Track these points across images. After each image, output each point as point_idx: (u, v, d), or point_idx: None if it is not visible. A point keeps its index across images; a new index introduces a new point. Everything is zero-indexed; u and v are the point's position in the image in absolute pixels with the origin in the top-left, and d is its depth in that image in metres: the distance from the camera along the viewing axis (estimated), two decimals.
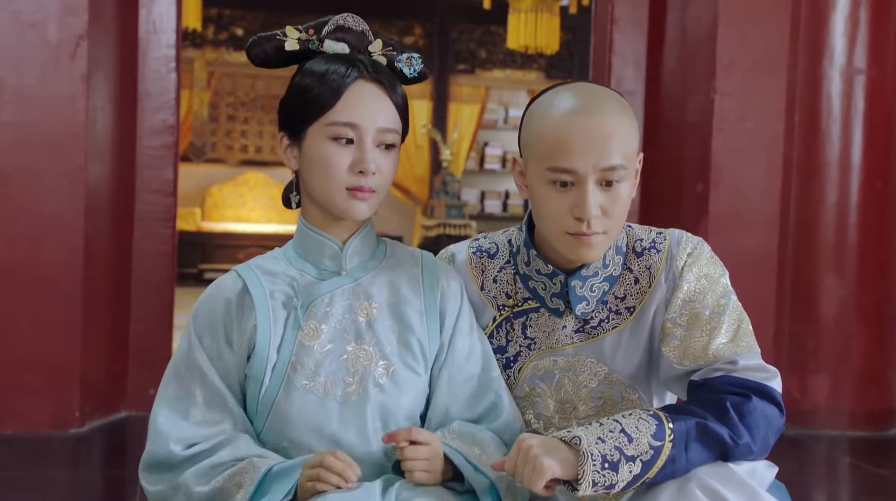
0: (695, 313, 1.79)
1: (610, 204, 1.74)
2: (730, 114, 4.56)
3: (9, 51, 4.15)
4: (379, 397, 1.76)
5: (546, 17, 8.60)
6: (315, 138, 1.77)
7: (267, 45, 1.83)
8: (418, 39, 11.78)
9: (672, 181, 4.82)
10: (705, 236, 4.48)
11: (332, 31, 1.82)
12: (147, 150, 4.58)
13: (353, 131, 1.75)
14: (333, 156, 1.75)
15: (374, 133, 1.76)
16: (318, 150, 1.77)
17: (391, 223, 12.06)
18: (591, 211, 1.72)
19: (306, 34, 1.83)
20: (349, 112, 1.75)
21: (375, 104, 1.77)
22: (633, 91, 4.88)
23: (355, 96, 1.76)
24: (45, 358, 4.21)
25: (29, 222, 4.17)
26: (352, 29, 1.82)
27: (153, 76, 4.57)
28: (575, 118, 1.72)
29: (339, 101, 1.75)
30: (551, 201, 1.75)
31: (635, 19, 4.87)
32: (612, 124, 1.72)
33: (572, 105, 1.73)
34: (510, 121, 12.28)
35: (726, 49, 4.55)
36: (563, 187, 1.73)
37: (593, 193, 1.72)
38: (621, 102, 1.78)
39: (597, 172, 1.72)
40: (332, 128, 1.75)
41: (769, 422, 1.70)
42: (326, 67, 1.77)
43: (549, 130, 1.74)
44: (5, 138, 4.16)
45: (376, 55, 1.83)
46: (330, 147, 1.76)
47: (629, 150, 1.74)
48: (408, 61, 1.84)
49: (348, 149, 1.76)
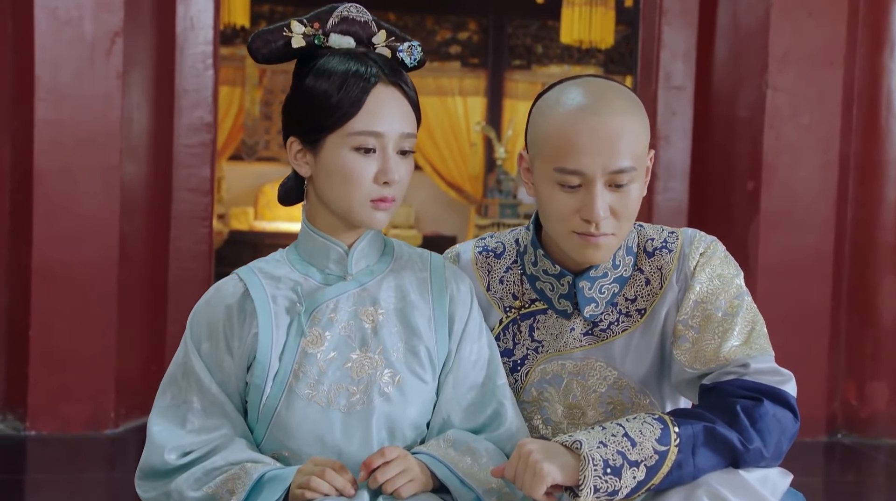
0: (707, 314, 1.75)
1: (619, 205, 1.70)
2: (783, 109, 4.44)
3: (45, 49, 4.14)
4: (384, 407, 1.71)
5: (601, 10, 8.46)
6: (335, 148, 1.70)
7: (272, 41, 1.76)
8: (472, 35, 11.67)
9: (722, 179, 4.71)
10: (756, 238, 4.47)
11: (337, 24, 1.75)
12: (184, 148, 4.55)
13: (377, 140, 1.69)
14: (357, 167, 1.69)
15: (396, 140, 1.71)
16: (339, 161, 1.70)
17: (445, 223, 11.97)
18: (600, 213, 1.67)
19: (311, 28, 1.75)
20: (372, 120, 1.69)
21: (397, 109, 1.71)
22: (682, 86, 4.76)
23: (376, 103, 1.69)
24: (81, 359, 4.19)
25: (65, 221, 4.17)
26: (357, 20, 1.76)
27: (190, 73, 4.53)
28: (582, 117, 1.66)
29: (362, 109, 1.68)
30: (558, 201, 1.70)
31: (684, 11, 4.74)
32: (621, 124, 1.66)
33: (580, 103, 1.68)
34: None
35: (779, 41, 4.43)
36: (570, 189, 1.69)
37: (602, 194, 1.67)
38: (631, 98, 1.72)
39: (605, 175, 1.67)
40: (354, 138, 1.69)
41: (782, 427, 1.65)
42: (345, 69, 1.69)
43: (555, 129, 1.69)
44: (42, 137, 4.15)
45: (380, 47, 1.77)
46: (352, 158, 1.69)
47: (639, 150, 1.69)
48: (409, 50, 1.77)
49: (370, 158, 1.70)
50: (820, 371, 4.49)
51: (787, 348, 4.47)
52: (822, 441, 4.51)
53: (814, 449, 4.42)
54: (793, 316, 4.42)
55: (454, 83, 11.60)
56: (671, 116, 4.75)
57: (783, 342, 4.41)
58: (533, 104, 1.78)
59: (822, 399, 4.51)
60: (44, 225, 4.15)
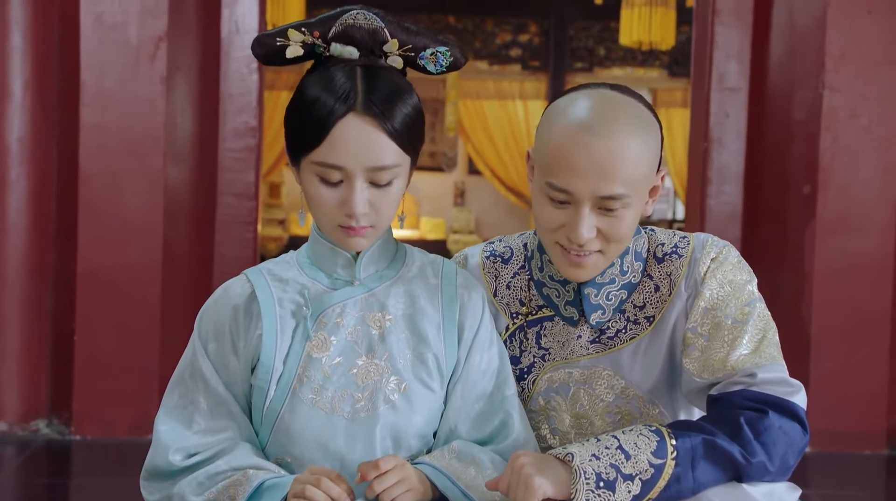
0: (717, 321, 1.70)
1: (609, 228, 1.66)
2: (840, 110, 4.34)
3: (91, 54, 4.18)
4: (389, 414, 1.68)
5: (661, 10, 8.31)
6: (305, 172, 1.67)
7: (271, 47, 1.71)
8: (533, 37, 11.57)
9: (777, 183, 4.61)
10: (812, 243, 4.36)
11: (339, 33, 1.68)
12: (229, 152, 4.55)
13: (340, 172, 1.64)
14: (323, 194, 1.66)
15: (364, 173, 1.64)
16: (308, 185, 1.67)
17: (506, 228, 11.89)
18: (583, 234, 1.64)
19: (311, 37, 1.68)
20: (334, 154, 1.63)
21: (365, 143, 1.63)
22: (736, 87, 4.65)
23: (342, 136, 1.62)
24: (125, 363, 4.21)
25: (109, 225, 4.19)
26: (363, 27, 1.68)
27: (235, 77, 4.52)
28: (580, 135, 1.62)
29: (325, 141, 1.62)
30: (546, 212, 1.68)
31: (738, 10, 4.63)
32: (620, 146, 1.61)
33: (581, 119, 1.63)
34: None
35: (837, 40, 4.33)
36: (559, 204, 1.66)
37: (588, 217, 1.64)
38: (640, 116, 1.66)
39: (594, 198, 1.63)
40: (317, 167, 1.65)
41: (789, 440, 1.60)
42: (315, 95, 1.63)
43: (553, 143, 1.65)
44: (87, 141, 4.18)
45: (392, 56, 1.70)
46: (318, 186, 1.66)
47: (636, 174, 1.64)
48: (432, 58, 1.71)
49: (338, 188, 1.65)
50: (880, 381, 4.38)
51: (844, 357, 4.39)
52: (884, 455, 4.39)
53: (874, 463, 4.30)
54: (850, 324, 4.33)
55: (514, 87, 11.50)
56: (724, 118, 4.64)
57: (840, 350, 4.35)
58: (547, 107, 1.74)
59: (882, 410, 4.40)
60: (89, 230, 4.18)
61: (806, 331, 4.37)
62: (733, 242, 4.67)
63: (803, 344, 4.36)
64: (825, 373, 4.33)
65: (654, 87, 11.81)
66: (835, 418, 4.32)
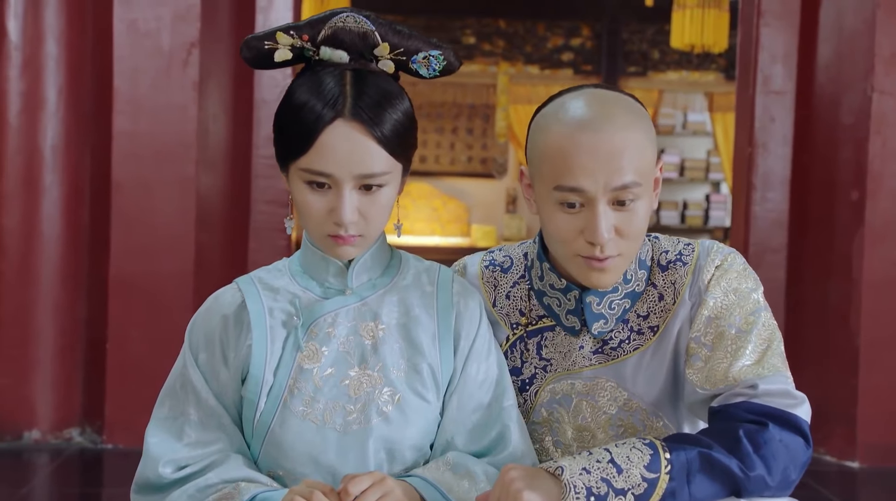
0: (720, 331, 1.67)
1: (625, 225, 1.63)
2: (890, 114, 4.21)
3: (124, 60, 4.17)
4: (382, 427, 1.66)
5: (713, 12, 8.17)
6: (293, 178, 1.66)
7: (257, 50, 1.68)
8: (585, 41, 11.45)
9: (824, 189, 4.48)
10: (860, 251, 4.23)
11: (328, 36, 1.65)
12: (262, 159, 4.52)
13: (327, 180, 1.62)
14: (310, 201, 1.64)
15: (352, 180, 1.62)
16: (297, 192, 1.65)
17: None
18: (604, 234, 1.61)
19: (300, 40, 1.66)
20: (321, 161, 1.61)
21: (353, 150, 1.60)
22: (782, 90, 4.52)
23: (329, 142, 1.60)
24: (158, 371, 4.13)
25: (141, 232, 4.18)
26: (353, 30, 1.65)
27: (269, 83, 4.49)
28: (581, 134, 1.61)
29: (311, 148, 1.60)
30: (560, 222, 1.64)
31: (784, 12, 4.50)
32: (622, 139, 1.60)
33: (578, 118, 1.62)
34: (689, 126, 11.76)
35: (887, 42, 4.21)
36: (571, 208, 1.63)
37: (605, 214, 1.61)
38: (634, 109, 1.66)
39: (608, 193, 1.61)
40: (305, 174, 1.63)
41: (791, 454, 1.57)
42: (304, 101, 1.61)
43: (553, 148, 1.63)
44: (120, 148, 4.18)
45: (383, 60, 1.67)
46: (306, 192, 1.64)
47: (643, 163, 1.63)
48: (425, 62, 1.68)
49: (326, 194, 1.63)
50: None
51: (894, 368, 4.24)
52: None
53: None
54: None
55: None
56: (770, 122, 4.52)
57: (890, 362, 4.21)
58: (532, 118, 1.72)
59: None
60: (121, 237, 4.17)
61: (854, 342, 4.24)
62: (779, 249, 4.67)
63: (852, 355, 4.24)
64: (874, 385, 4.21)
65: (710, 91, 11.63)
66: (885, 431, 4.20)
